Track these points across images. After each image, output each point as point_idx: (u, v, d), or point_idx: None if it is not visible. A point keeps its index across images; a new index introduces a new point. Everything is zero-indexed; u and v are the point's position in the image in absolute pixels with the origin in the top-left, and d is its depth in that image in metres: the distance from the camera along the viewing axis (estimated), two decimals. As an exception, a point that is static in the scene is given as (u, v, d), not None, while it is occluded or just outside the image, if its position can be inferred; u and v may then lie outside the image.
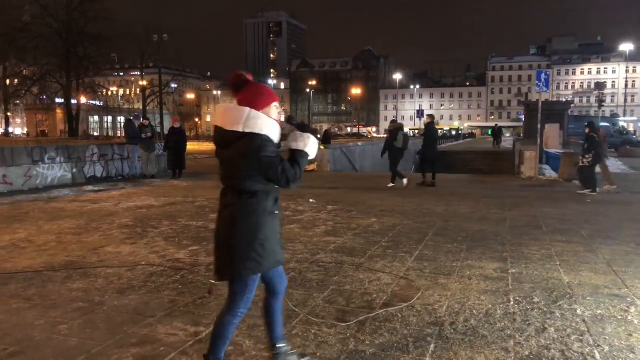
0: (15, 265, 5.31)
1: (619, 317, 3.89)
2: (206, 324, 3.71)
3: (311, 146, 2.70)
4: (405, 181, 12.24)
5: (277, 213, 2.73)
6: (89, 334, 3.55)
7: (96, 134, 69.48)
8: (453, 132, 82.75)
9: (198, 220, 7.97)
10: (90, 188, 12.36)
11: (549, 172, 16.71)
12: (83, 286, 4.62)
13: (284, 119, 2.89)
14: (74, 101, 47.21)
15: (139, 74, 65.05)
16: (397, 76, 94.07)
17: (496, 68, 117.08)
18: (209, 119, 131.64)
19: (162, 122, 45.68)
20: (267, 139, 2.58)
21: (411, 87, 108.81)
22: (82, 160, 13.62)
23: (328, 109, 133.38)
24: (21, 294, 4.41)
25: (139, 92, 71.15)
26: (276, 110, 2.70)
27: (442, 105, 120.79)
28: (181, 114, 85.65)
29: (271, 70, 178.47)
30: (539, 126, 15.68)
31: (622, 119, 60.56)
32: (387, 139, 13.07)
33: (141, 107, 60.46)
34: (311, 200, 10.02)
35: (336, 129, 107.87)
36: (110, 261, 5.49)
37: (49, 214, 8.58)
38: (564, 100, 64.74)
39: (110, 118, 76.77)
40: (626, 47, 58.07)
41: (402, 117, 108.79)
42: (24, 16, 40.56)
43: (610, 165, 20.68)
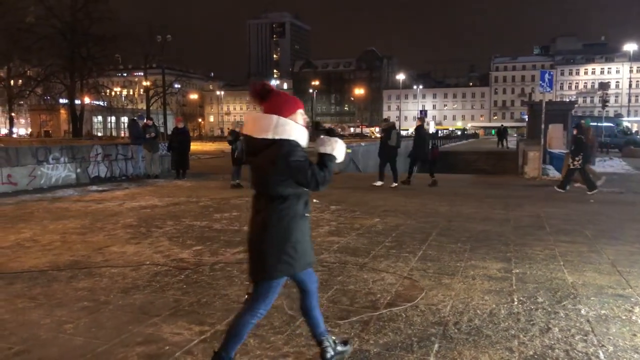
0: (21, 265, 5.34)
1: (623, 317, 3.89)
2: (210, 323, 3.73)
3: (339, 150, 2.80)
4: (379, 183, 12.70)
5: (307, 216, 2.81)
6: (94, 332, 3.57)
7: (100, 134, 69.83)
8: (459, 132, 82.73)
9: (202, 220, 7.99)
10: (94, 188, 12.41)
11: (553, 173, 16.65)
12: (88, 285, 4.64)
13: (312, 125, 3.00)
14: (77, 101, 47.37)
15: (142, 74, 65.20)
16: (400, 76, 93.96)
17: (499, 68, 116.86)
18: (212, 119, 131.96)
19: (165, 123, 45.76)
20: (296, 144, 2.68)
21: (414, 87, 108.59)
22: (86, 161, 13.66)
23: (331, 109, 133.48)
24: (26, 293, 4.44)
25: (142, 93, 71.29)
26: (302, 116, 2.78)
27: (445, 106, 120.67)
28: (184, 114, 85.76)
29: (274, 71, 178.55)
30: (542, 126, 15.64)
31: (625, 119, 60.20)
32: (381, 137, 13.37)
33: (144, 108, 60.56)
34: (314, 200, 10.04)
35: (339, 129, 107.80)
36: (115, 261, 5.52)
37: (53, 213, 8.61)
38: (568, 100, 64.62)
39: (113, 118, 77.15)
40: (630, 47, 57.89)
41: (405, 118, 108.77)
42: (28, 17, 40.65)
43: (614, 165, 20.71)
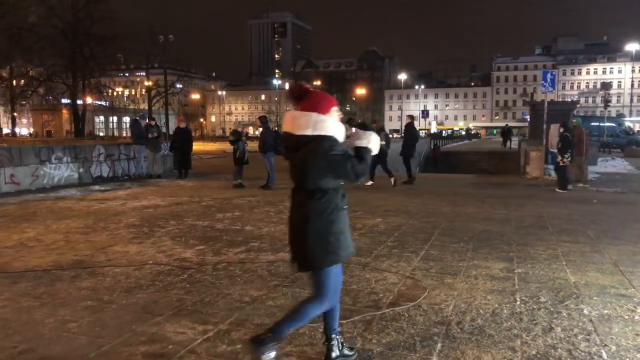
0: (24, 264, 5.36)
1: (626, 317, 3.89)
2: (214, 322, 3.74)
3: (374, 143, 2.93)
4: (370, 182, 12.69)
5: (345, 208, 2.91)
6: (98, 331, 3.58)
7: (102, 134, 69.97)
8: (463, 132, 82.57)
9: (204, 220, 8.00)
10: (96, 188, 12.44)
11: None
12: (91, 285, 4.66)
13: (345, 121, 3.09)
14: (79, 102, 47.47)
15: (144, 74, 65.37)
16: (402, 76, 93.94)
17: (501, 68, 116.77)
18: (213, 119, 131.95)
19: (167, 123, 45.80)
20: (335, 140, 2.80)
21: (416, 87, 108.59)
22: (88, 160, 13.69)
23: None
24: (30, 292, 4.45)
25: (144, 93, 71.47)
26: (336, 114, 2.89)
27: (446, 106, 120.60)
28: (186, 114, 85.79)
29: (276, 71, 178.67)
30: (544, 126, 15.63)
31: (628, 119, 60.22)
32: None
33: (146, 108, 60.67)
34: None
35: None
36: (118, 260, 5.53)
37: (56, 213, 8.64)
38: (570, 100, 64.55)
39: (115, 118, 77.33)
40: (632, 47, 57.79)
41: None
42: (30, 17, 40.79)
43: (616, 165, 20.67)
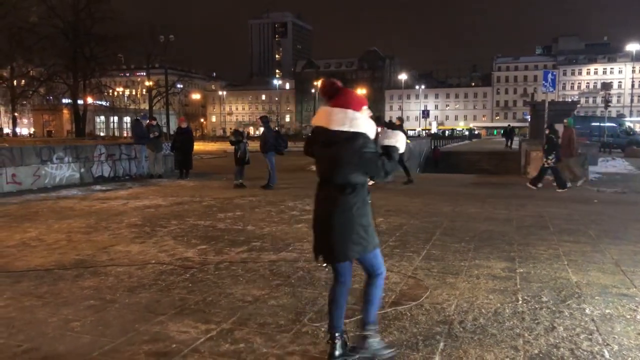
0: (27, 264, 5.37)
1: (628, 317, 3.90)
2: (216, 321, 3.75)
3: (401, 141, 3.03)
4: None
5: (370, 201, 3.03)
6: (101, 331, 3.59)
7: (102, 134, 69.99)
8: (466, 132, 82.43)
9: (206, 219, 8.01)
10: (98, 187, 12.45)
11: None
12: (94, 284, 4.67)
13: (373, 119, 3.17)
14: (80, 101, 47.49)
15: (144, 74, 65.42)
16: (403, 76, 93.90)
17: (502, 68, 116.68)
18: (214, 119, 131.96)
19: (168, 122, 45.84)
20: (368, 137, 2.89)
21: (416, 87, 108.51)
22: (90, 160, 13.70)
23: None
24: (33, 291, 4.46)
25: (145, 93, 71.54)
26: (367, 112, 2.97)
27: (447, 106, 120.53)
28: (187, 114, 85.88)
29: (276, 71, 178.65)
30: (545, 126, 15.62)
31: (628, 119, 60.24)
32: None
33: (147, 108, 60.70)
34: None
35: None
36: (120, 260, 5.54)
37: (58, 213, 8.65)
38: (570, 100, 64.58)
39: (116, 118, 77.33)
40: (633, 47, 57.79)
41: (407, 118, 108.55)
42: (30, 17, 40.81)
43: (617, 165, 20.66)
